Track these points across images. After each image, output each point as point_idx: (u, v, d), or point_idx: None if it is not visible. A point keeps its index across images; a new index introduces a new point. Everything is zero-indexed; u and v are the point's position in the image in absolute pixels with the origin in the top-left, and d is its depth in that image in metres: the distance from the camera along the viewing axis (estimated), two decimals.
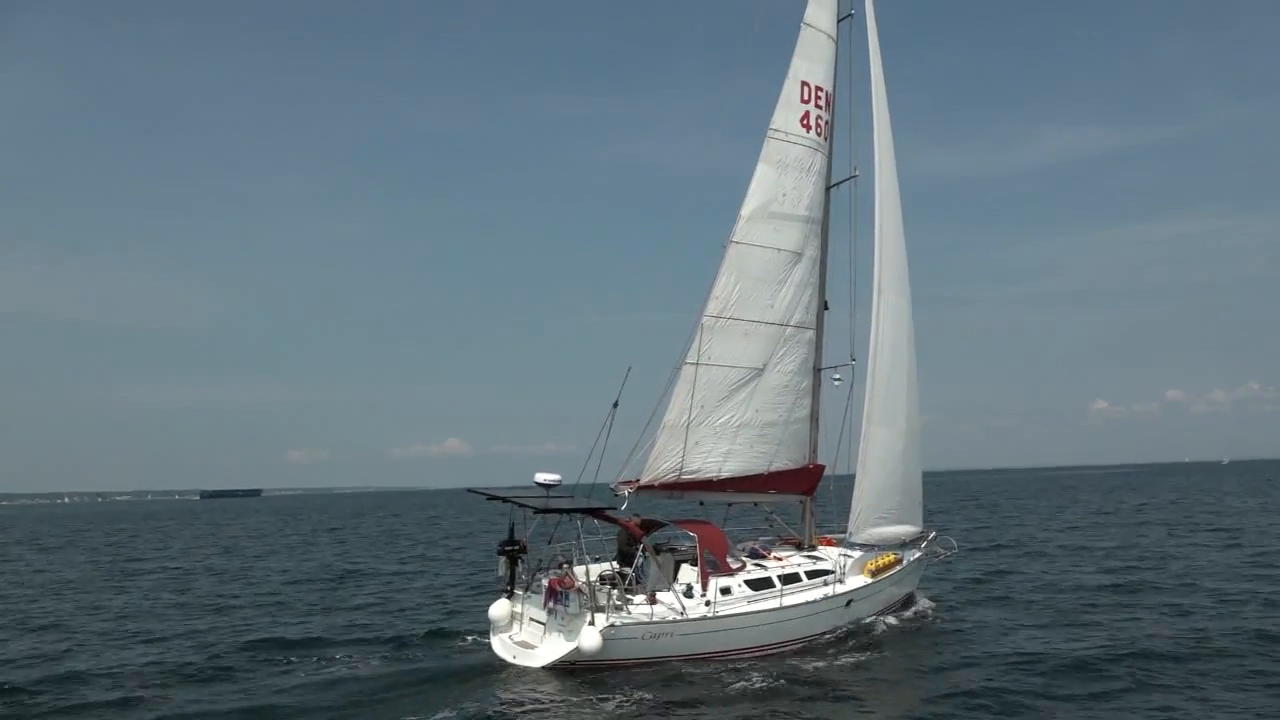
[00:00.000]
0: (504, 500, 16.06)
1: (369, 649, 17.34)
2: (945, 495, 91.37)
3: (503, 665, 15.22)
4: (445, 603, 23.86)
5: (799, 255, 19.51)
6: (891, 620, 18.84)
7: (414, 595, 26.17)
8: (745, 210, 18.90)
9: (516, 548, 16.82)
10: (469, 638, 17.82)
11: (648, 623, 15.02)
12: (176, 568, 37.56)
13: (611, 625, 14.64)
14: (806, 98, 19.61)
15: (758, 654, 15.84)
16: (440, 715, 12.53)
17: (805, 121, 19.59)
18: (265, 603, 24.88)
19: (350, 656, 16.74)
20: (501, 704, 13.21)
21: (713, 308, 18.65)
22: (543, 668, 14.78)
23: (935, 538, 21.87)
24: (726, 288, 18.69)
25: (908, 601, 20.54)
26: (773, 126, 19.27)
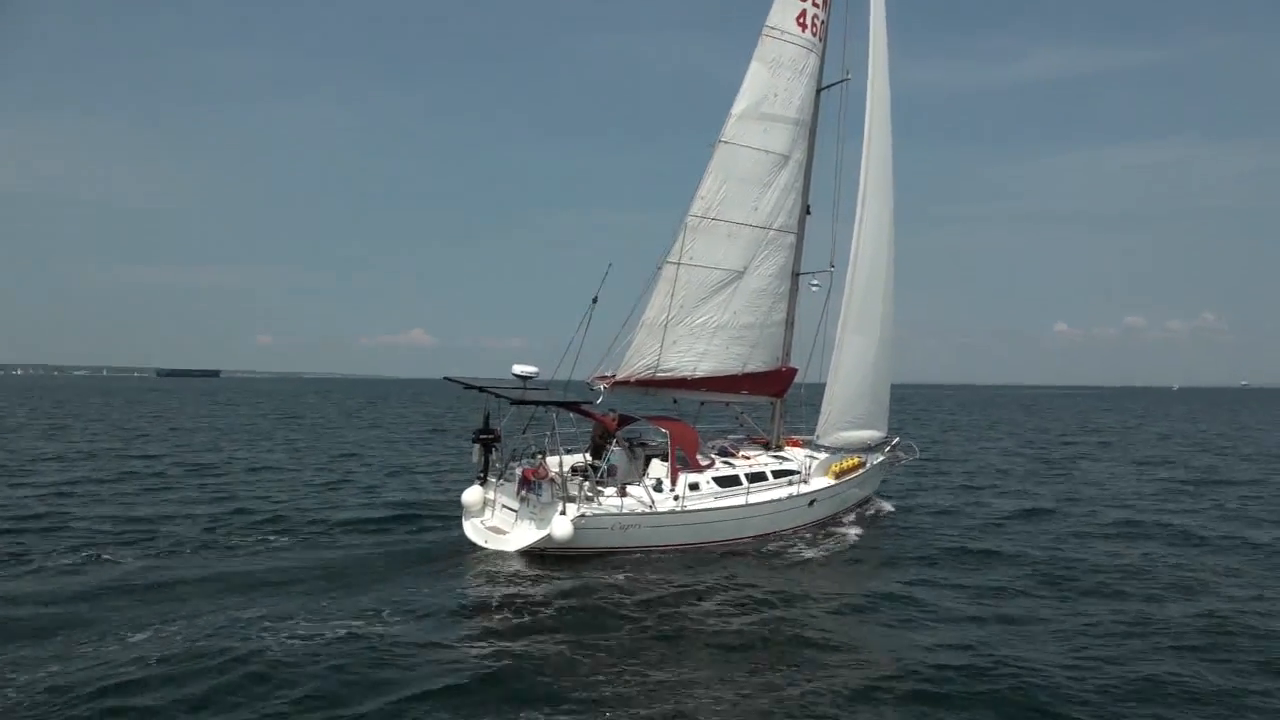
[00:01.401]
0: (481, 390, 16.17)
1: (338, 528, 17.71)
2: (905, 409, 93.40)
3: (473, 548, 15.62)
4: (416, 487, 24.25)
5: (786, 158, 19.36)
6: (851, 519, 19.56)
7: (380, 476, 26.62)
8: (736, 109, 18.60)
9: (491, 436, 17.04)
10: (443, 520, 18.20)
11: (617, 514, 15.45)
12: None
13: (582, 515, 15.04)
14: None
15: (723, 547, 16.38)
16: (410, 592, 12.89)
17: (801, 20, 19.12)
18: (233, 483, 25.13)
19: (320, 534, 17.11)
20: (472, 584, 13.64)
21: (697, 208, 18.55)
22: (513, 552, 15.18)
23: (898, 444, 22.53)
24: (712, 188, 18.55)
25: (867, 503, 21.31)
26: (769, 24, 18.82)
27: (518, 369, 16.28)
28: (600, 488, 15.94)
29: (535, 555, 15.08)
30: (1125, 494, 25.37)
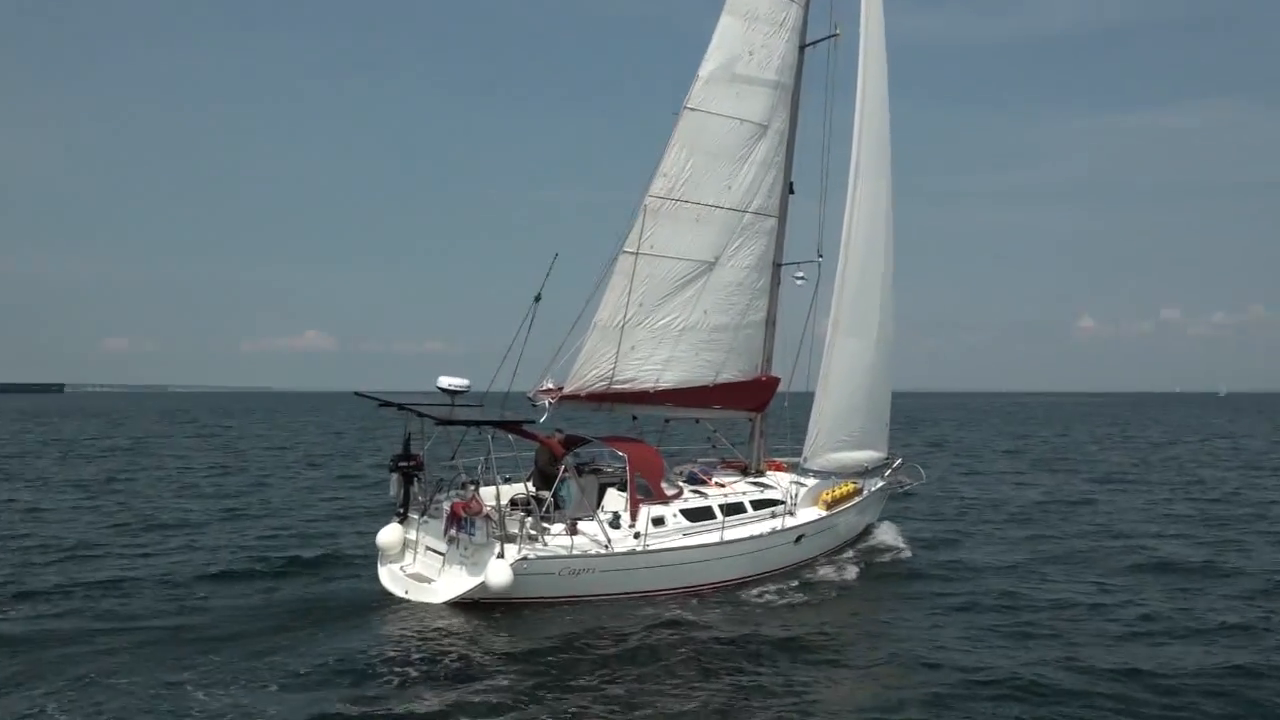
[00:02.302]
0: (400, 408, 16.13)
1: (208, 581, 17.47)
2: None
3: (391, 601, 15.55)
4: (320, 524, 24.15)
5: (764, 128, 19.66)
6: (848, 558, 19.84)
7: (272, 512, 26.41)
8: (704, 70, 18.85)
9: (412, 464, 17.03)
10: (350, 567, 18.16)
11: (566, 556, 15.49)
12: None
13: (524, 558, 15.04)
14: None
15: (693, 594, 16.52)
16: (306, 659, 12.73)
17: None
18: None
19: (200, 587, 16.92)
20: (388, 645, 13.53)
21: (659, 186, 18.72)
22: (441, 605, 15.15)
23: (901, 465, 22.91)
24: (677, 163, 18.75)
25: (866, 535, 21.67)
26: None
27: (445, 381, 16.27)
28: (545, 524, 15.98)
29: (467, 607, 15.05)
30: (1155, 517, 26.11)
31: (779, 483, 19.76)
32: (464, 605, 15.09)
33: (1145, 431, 79.16)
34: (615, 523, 16.53)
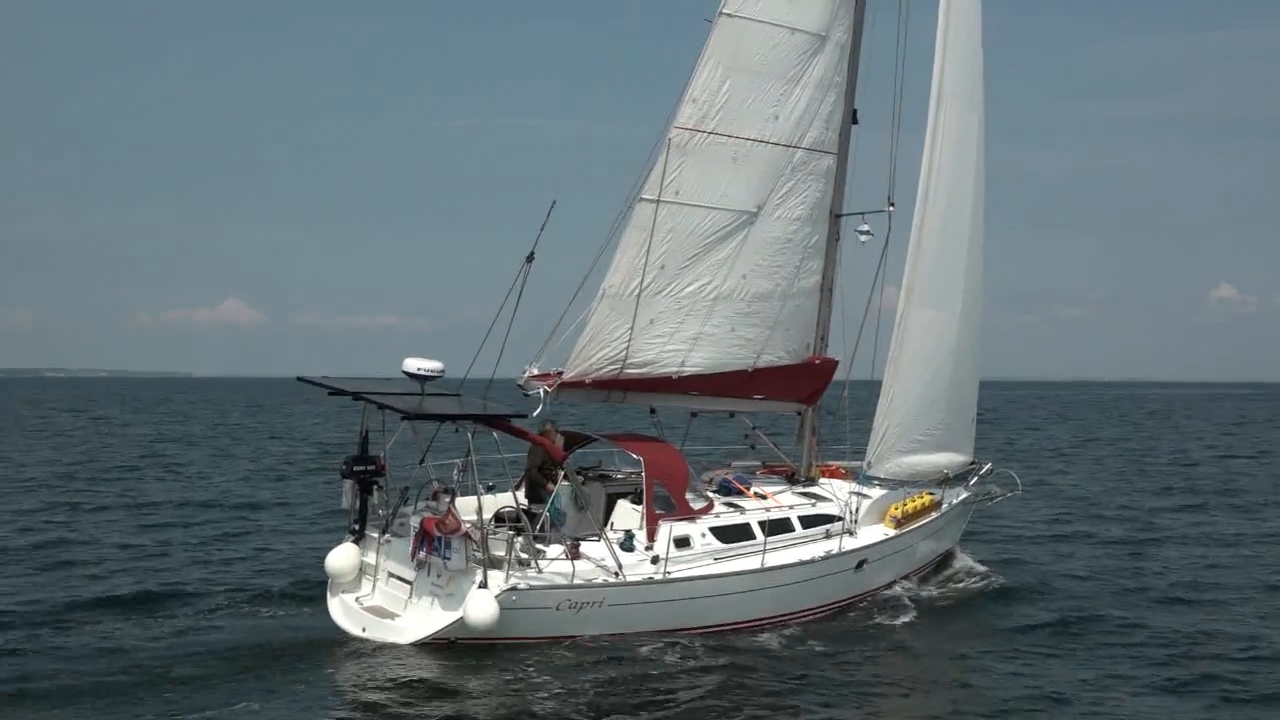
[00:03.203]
0: (356, 397, 16.02)
1: (110, 615, 17.33)
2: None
3: (344, 639, 15.50)
4: (256, 547, 24.13)
5: (821, 40, 19.31)
6: (926, 592, 19.67)
7: (203, 536, 26.29)
8: None
9: (371, 469, 16.83)
10: (294, 599, 18.06)
11: (566, 586, 15.35)
12: None
13: (513, 589, 14.89)
14: None
15: (726, 634, 16.35)
16: (238, 714, 12.71)
17: None
18: None
19: (71, 627, 16.64)
20: (339, 699, 13.49)
21: (687, 115, 18.37)
22: (408, 645, 15.05)
23: (989, 471, 22.64)
24: (710, 85, 18.38)
25: (946, 562, 21.46)
26: None
27: (413, 365, 16.20)
28: (540, 545, 15.77)
29: (440, 650, 14.92)
30: None
31: (835, 494, 19.51)
32: (436, 647, 14.97)
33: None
34: (628, 544, 16.33)
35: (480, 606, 14.48)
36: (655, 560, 16.10)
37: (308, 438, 60.57)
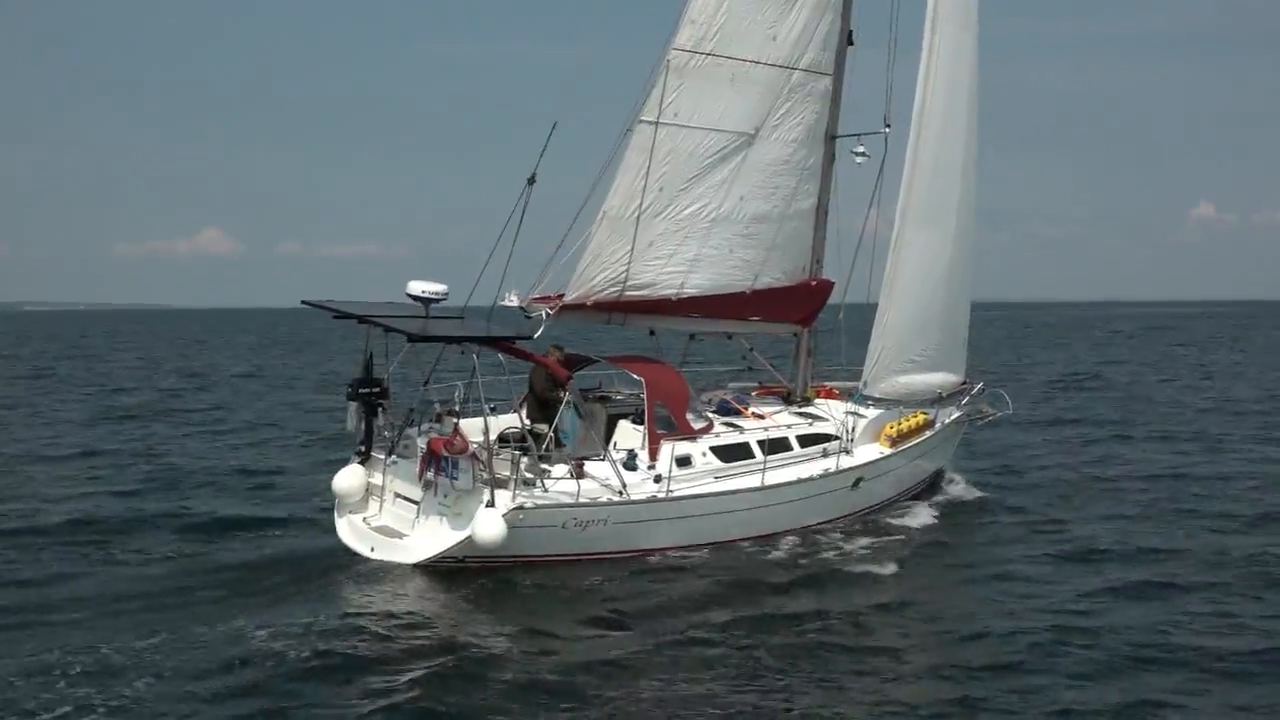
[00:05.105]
0: (360, 320, 15.99)
1: (119, 536, 17.46)
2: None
3: (352, 559, 15.61)
4: (258, 467, 24.23)
5: None
6: (920, 509, 19.86)
7: (206, 449, 26.53)
8: None
9: (376, 391, 16.84)
10: (301, 519, 18.20)
11: (572, 505, 15.50)
12: None
13: (519, 507, 15.01)
14: None
15: (727, 550, 16.58)
16: (242, 635, 12.67)
17: None
18: None
19: (113, 545, 16.87)
20: (347, 619, 13.46)
21: (686, 37, 18.25)
22: (414, 565, 15.22)
23: (982, 391, 22.84)
24: (708, 6, 18.26)
25: (936, 481, 21.76)
26: None
27: (417, 287, 16.08)
28: (545, 465, 15.93)
29: (448, 569, 15.06)
30: None
31: (831, 413, 19.66)
32: (444, 566, 15.10)
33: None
34: (631, 463, 16.54)
35: (488, 525, 14.56)
36: (658, 479, 16.26)
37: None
